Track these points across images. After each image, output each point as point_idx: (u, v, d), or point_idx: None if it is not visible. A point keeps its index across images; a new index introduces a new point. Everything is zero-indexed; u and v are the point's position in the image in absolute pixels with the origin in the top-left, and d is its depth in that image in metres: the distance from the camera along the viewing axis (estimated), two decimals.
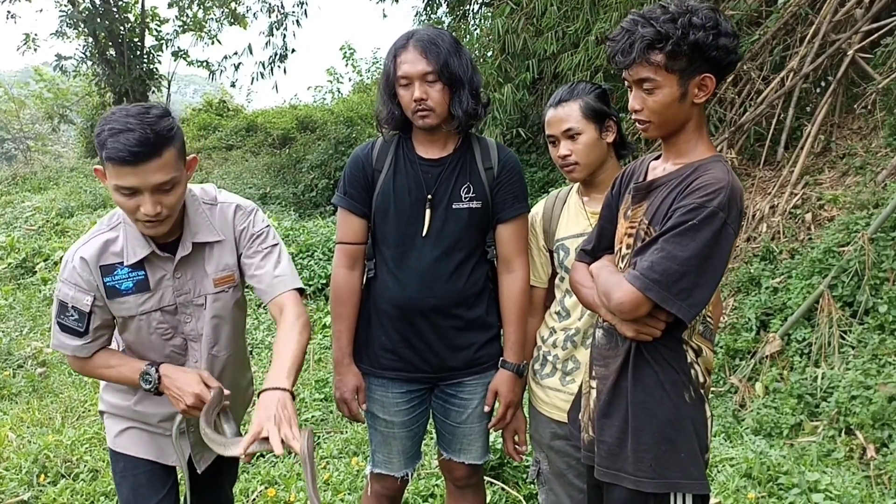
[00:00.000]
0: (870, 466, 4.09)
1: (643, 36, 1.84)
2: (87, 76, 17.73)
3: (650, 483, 1.94)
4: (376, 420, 2.67)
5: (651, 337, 1.93)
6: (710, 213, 1.80)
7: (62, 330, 2.21)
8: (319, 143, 12.89)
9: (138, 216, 2.05)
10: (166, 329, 2.28)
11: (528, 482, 3.78)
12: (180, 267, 2.24)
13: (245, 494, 3.71)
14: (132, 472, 2.39)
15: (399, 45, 2.47)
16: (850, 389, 4.49)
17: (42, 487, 3.85)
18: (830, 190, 6.23)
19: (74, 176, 14.27)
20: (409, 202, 2.53)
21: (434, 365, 2.59)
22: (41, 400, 5.18)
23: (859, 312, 5.01)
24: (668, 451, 1.94)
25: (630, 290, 1.85)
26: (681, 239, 1.81)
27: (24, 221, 10.14)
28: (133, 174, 1.97)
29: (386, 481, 2.72)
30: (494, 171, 2.55)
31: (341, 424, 4.62)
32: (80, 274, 2.17)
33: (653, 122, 1.95)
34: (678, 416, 1.95)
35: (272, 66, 13.88)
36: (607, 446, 2.01)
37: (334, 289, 2.65)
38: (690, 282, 1.81)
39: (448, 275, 2.52)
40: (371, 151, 2.60)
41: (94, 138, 2.03)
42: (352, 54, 19.12)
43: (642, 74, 1.88)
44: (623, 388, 1.99)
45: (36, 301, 7.43)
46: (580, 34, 7.53)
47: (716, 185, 1.82)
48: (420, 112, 2.44)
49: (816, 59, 6.63)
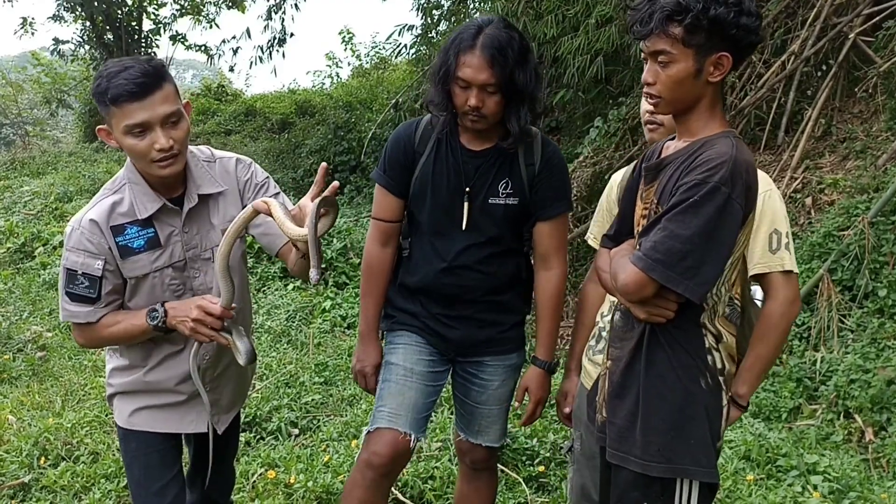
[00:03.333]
0: (868, 450, 4.11)
1: (663, 6, 1.79)
2: (85, 60, 17.60)
3: (657, 467, 1.91)
4: (393, 369, 2.54)
5: (664, 318, 1.88)
6: (711, 188, 1.76)
7: (72, 300, 2.22)
8: (318, 128, 12.84)
9: (153, 156, 2.10)
10: (178, 286, 2.31)
11: (529, 464, 3.80)
12: (188, 221, 2.28)
13: (245, 477, 3.72)
14: (144, 451, 2.41)
15: (465, 45, 2.30)
16: (849, 373, 4.50)
17: (42, 470, 3.86)
18: (831, 174, 6.23)
19: (73, 160, 14.21)
20: (446, 192, 2.48)
21: (458, 342, 2.57)
22: (41, 383, 5.18)
23: (859, 296, 5.02)
24: (676, 437, 1.91)
25: (633, 272, 1.82)
26: (683, 216, 1.78)
27: (22, 206, 10.10)
28: (141, 108, 2.04)
29: (386, 446, 2.43)
30: (536, 168, 2.47)
31: (341, 408, 4.63)
32: (89, 238, 2.18)
33: (664, 97, 1.89)
34: (690, 402, 1.92)
35: (271, 50, 13.78)
36: (617, 428, 1.99)
37: (366, 262, 2.63)
38: (696, 260, 1.78)
39: (480, 266, 2.51)
40: (415, 132, 2.53)
41: (94, 94, 2.09)
42: (351, 39, 18.99)
43: (658, 46, 1.83)
44: (635, 370, 1.96)
45: (35, 285, 7.42)
46: (580, 17, 7.50)
47: (717, 159, 1.79)
48: (471, 117, 2.36)
49: (818, 42, 6.61)
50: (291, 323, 6.21)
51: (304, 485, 3.54)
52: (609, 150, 7.27)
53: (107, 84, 2.03)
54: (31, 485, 3.76)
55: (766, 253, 2.16)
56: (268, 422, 4.41)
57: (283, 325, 6.12)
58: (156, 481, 2.39)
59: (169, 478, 2.41)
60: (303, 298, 6.54)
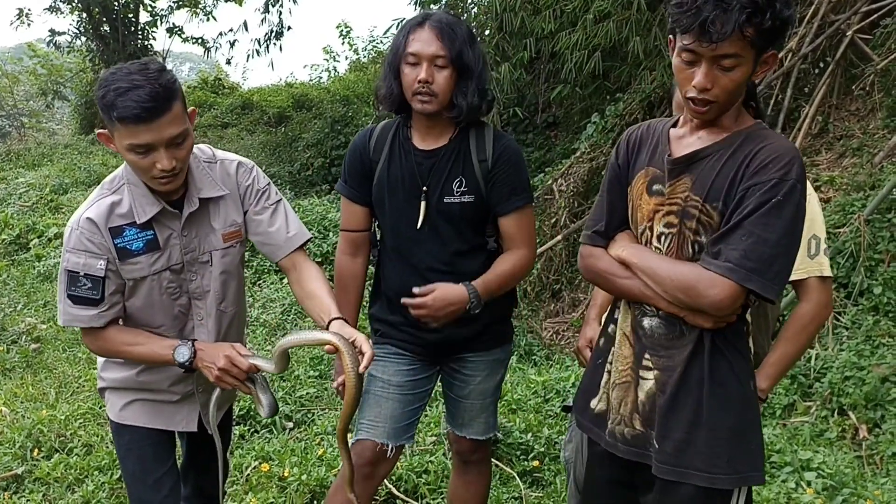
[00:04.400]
0: (862, 447, 4.12)
1: (743, 6, 1.64)
2: (81, 52, 17.56)
3: (726, 479, 1.83)
4: (373, 382, 2.59)
5: (728, 323, 1.82)
6: (791, 186, 1.70)
7: (75, 302, 2.17)
8: (315, 122, 12.83)
9: (154, 173, 2.06)
10: (175, 289, 2.28)
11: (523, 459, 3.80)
12: (187, 224, 2.25)
13: (239, 470, 3.72)
14: (137, 444, 2.39)
15: (414, 23, 2.38)
16: (844, 370, 4.51)
17: (36, 462, 3.85)
18: (827, 171, 6.23)
19: (69, 152, 14.17)
20: (403, 194, 2.49)
21: (439, 345, 2.57)
22: (35, 375, 5.17)
23: (854, 294, 5.03)
24: (741, 445, 1.85)
25: (728, 286, 1.72)
26: (767, 219, 1.70)
27: (17, 198, 10.07)
28: (148, 130, 1.97)
29: (366, 452, 2.52)
30: (489, 164, 2.45)
31: (336, 402, 4.63)
32: (89, 238, 2.14)
33: (719, 101, 1.75)
34: (748, 407, 1.86)
35: (268, 43, 13.78)
36: (674, 442, 1.86)
37: (337, 275, 2.67)
38: (782, 263, 1.73)
39: (445, 266, 2.50)
40: (368, 140, 2.56)
41: (98, 101, 2.00)
42: (348, 33, 18.97)
43: (729, 50, 1.68)
44: (694, 379, 1.85)
45: (30, 277, 7.40)
46: (578, 13, 7.49)
47: (787, 155, 1.72)
48: (421, 95, 2.36)
49: (815, 39, 6.62)
50: (287, 317, 6.20)
51: (297, 478, 3.54)
52: (606, 146, 7.28)
53: (113, 99, 1.95)
54: (25, 476, 3.75)
55: (805, 258, 2.14)
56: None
57: (279, 319, 6.11)
58: (151, 474, 2.38)
59: (164, 470, 2.40)
60: None
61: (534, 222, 2.58)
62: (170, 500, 2.39)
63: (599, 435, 2.03)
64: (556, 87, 8.50)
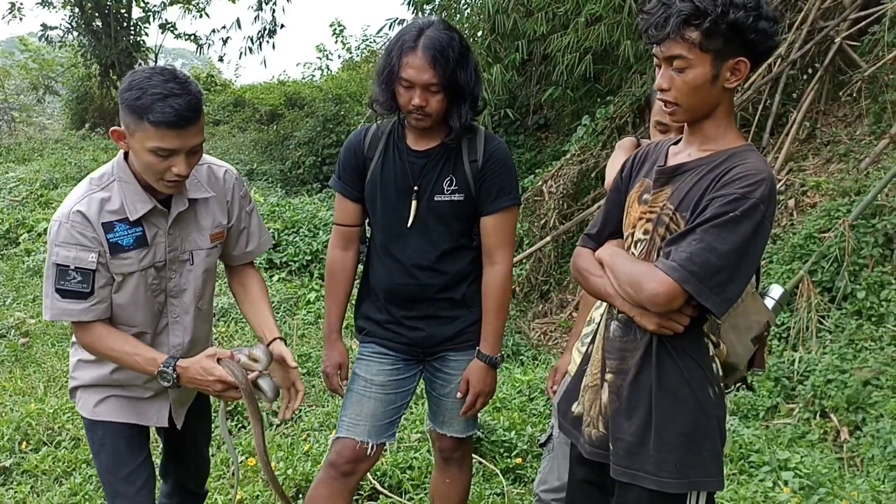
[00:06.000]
0: (843, 449, 4.17)
1: (680, 10, 1.74)
2: (73, 47, 17.48)
3: (674, 483, 1.87)
4: (356, 380, 2.66)
5: (673, 331, 1.84)
6: (752, 205, 1.73)
7: (63, 296, 2.18)
8: (307, 120, 12.82)
9: (167, 177, 2.13)
10: (156, 286, 2.32)
11: (506, 456, 3.84)
12: (174, 223, 2.29)
13: (226, 465, 3.74)
14: (111, 438, 2.40)
15: (407, 46, 2.39)
16: (826, 373, 4.56)
17: (24, 454, 3.87)
18: (814, 176, 6.29)
19: (59, 147, 14.11)
20: (394, 192, 2.56)
21: (423, 342, 2.64)
22: (24, 369, 5.17)
23: (838, 298, 5.08)
24: (691, 450, 1.87)
25: (667, 281, 1.76)
26: (721, 231, 1.74)
27: (7, 192, 10.02)
28: (177, 137, 2.06)
29: (346, 450, 2.59)
30: (479, 164, 2.53)
31: (323, 398, 4.66)
32: (80, 231, 2.16)
33: (680, 104, 1.84)
34: (703, 414, 1.89)
35: (261, 41, 13.82)
36: (626, 444, 1.92)
37: (328, 267, 2.74)
38: (727, 276, 1.75)
39: (432, 264, 2.56)
40: (364, 139, 2.63)
41: (129, 102, 2.05)
42: (341, 31, 18.95)
43: (674, 51, 1.78)
44: (644, 383, 1.90)
45: (19, 272, 7.38)
46: (570, 15, 7.53)
47: (757, 175, 1.75)
48: (416, 116, 2.43)
49: (804, 45, 6.68)
50: (275, 314, 6.20)
51: (283, 472, 3.57)
52: (596, 149, 7.33)
53: (151, 103, 2.02)
54: (13, 469, 3.77)
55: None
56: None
57: None
58: (124, 467, 2.39)
59: (137, 463, 2.41)
60: (287, 290, 6.55)
61: (515, 226, 2.64)
62: (144, 492, 2.40)
63: (577, 437, 2.08)
64: (547, 89, 8.54)
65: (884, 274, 5.02)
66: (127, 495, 2.38)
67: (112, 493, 2.42)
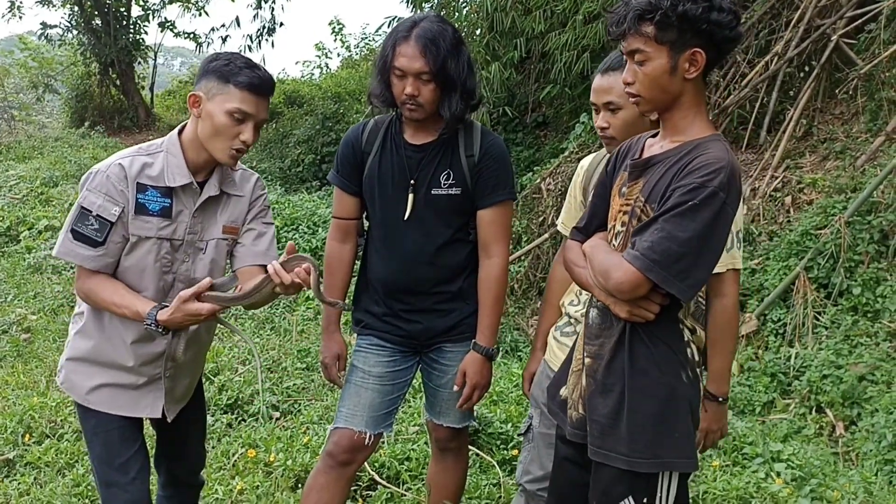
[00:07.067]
0: (839, 443, 4.21)
1: (635, 7, 1.85)
2: (73, 45, 17.52)
3: (645, 463, 1.93)
4: (354, 371, 2.71)
5: (644, 319, 1.91)
6: (710, 193, 1.79)
7: (75, 238, 2.23)
8: (306, 119, 12.86)
9: (233, 143, 2.27)
10: (167, 262, 2.36)
11: (502, 447, 3.87)
12: (199, 208, 2.36)
13: (226, 456, 3.78)
14: (104, 427, 2.42)
15: (400, 35, 2.46)
16: (822, 369, 4.61)
17: (27, 447, 3.90)
18: (810, 173, 6.33)
19: (59, 146, 14.13)
20: (392, 186, 2.60)
21: (420, 334, 2.67)
22: (26, 364, 5.20)
23: (833, 294, 5.13)
24: (662, 431, 1.93)
25: (630, 271, 1.83)
26: (681, 219, 1.80)
27: (7, 190, 10.06)
28: (256, 104, 2.26)
29: (344, 440, 2.63)
30: (476, 158, 2.57)
31: (322, 392, 4.69)
32: (114, 183, 2.24)
33: (643, 95, 1.92)
34: (674, 397, 1.95)
35: (260, 39, 13.86)
36: (600, 426, 1.99)
37: (326, 260, 2.78)
38: (689, 262, 1.81)
39: (429, 257, 2.61)
40: (361, 133, 2.67)
41: (215, 68, 2.26)
42: (340, 29, 18.97)
43: (634, 46, 1.89)
44: (618, 367, 1.98)
45: (20, 269, 7.42)
46: (568, 13, 7.58)
47: (716, 164, 1.81)
48: (409, 105, 2.48)
49: (801, 43, 6.72)
50: (275, 310, 6.26)
51: (283, 463, 3.60)
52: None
53: (240, 69, 2.24)
54: (16, 461, 3.80)
55: (723, 253, 2.21)
56: (249, 405, 4.46)
57: (267, 312, 6.16)
58: (118, 457, 2.41)
59: (131, 453, 2.43)
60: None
61: (510, 220, 2.69)
62: (137, 482, 2.42)
63: (563, 419, 2.17)
64: (545, 86, 8.57)
65: (879, 270, 5.06)
66: (120, 484, 2.40)
67: (106, 482, 2.43)
